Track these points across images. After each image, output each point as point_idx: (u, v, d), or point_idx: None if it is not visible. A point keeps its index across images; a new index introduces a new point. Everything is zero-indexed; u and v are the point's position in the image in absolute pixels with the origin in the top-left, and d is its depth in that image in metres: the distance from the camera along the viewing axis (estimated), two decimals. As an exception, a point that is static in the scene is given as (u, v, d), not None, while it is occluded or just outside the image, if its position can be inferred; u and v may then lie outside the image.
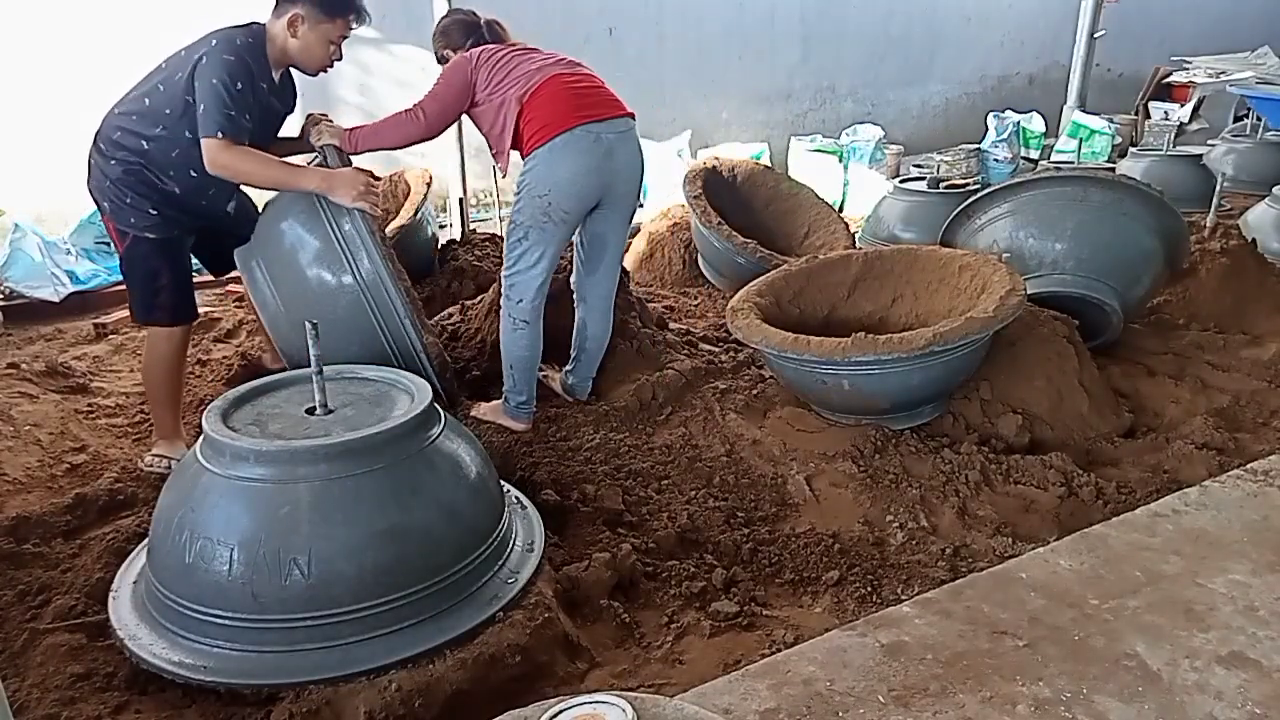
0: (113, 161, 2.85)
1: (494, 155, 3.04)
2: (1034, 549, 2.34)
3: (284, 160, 2.88)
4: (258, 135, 2.89)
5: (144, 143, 2.83)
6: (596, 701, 1.22)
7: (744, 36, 7.86)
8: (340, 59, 2.98)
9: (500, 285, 3.10)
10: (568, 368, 3.35)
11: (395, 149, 3.10)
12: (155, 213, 2.87)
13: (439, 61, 3.20)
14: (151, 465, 2.99)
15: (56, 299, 4.58)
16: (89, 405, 3.52)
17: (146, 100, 2.83)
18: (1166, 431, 3.29)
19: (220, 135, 2.70)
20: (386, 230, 4.28)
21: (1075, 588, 2.10)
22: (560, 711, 1.22)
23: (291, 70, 3.04)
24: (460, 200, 5.35)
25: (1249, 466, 2.67)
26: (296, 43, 2.87)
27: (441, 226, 5.25)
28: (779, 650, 2.05)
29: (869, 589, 2.43)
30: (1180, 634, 1.94)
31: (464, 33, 3.15)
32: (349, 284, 2.84)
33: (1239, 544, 2.26)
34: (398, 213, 4.44)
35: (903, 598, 2.33)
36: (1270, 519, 2.37)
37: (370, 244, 2.81)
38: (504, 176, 3.16)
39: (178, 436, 3.10)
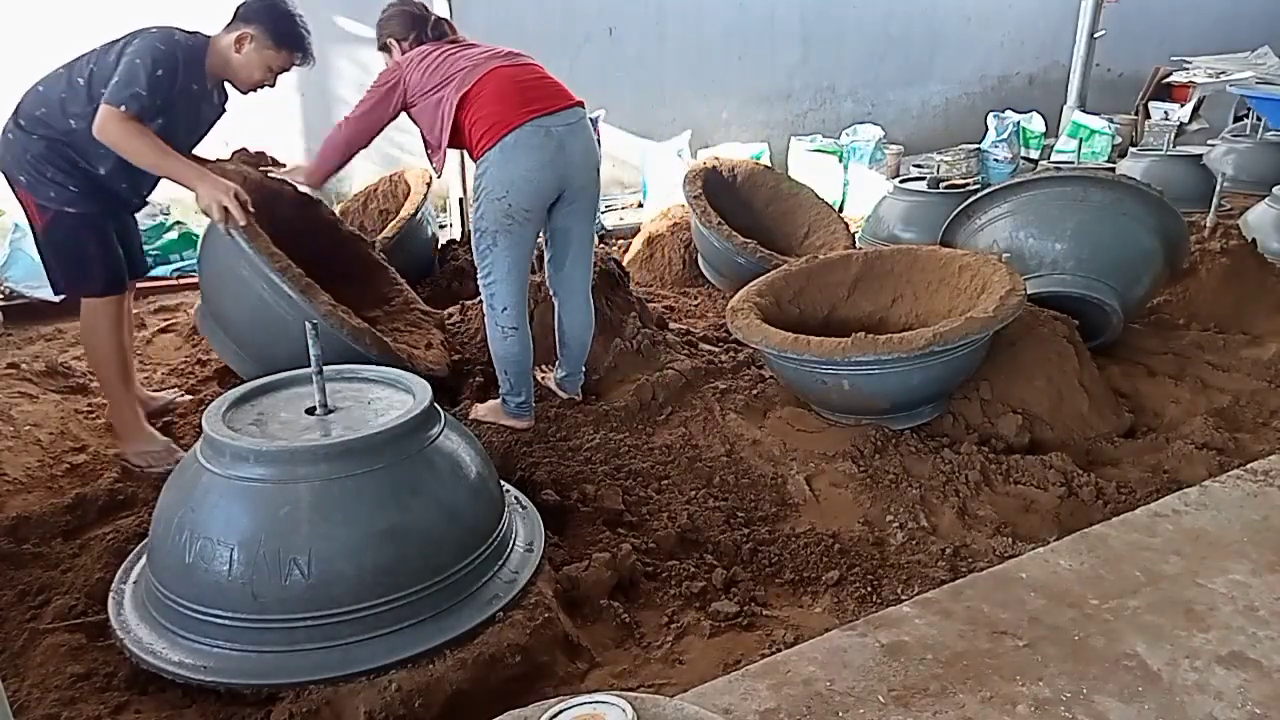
0: (35, 137, 2.84)
1: (429, 155, 2.99)
2: (1034, 549, 2.34)
3: (172, 151, 2.80)
4: (181, 137, 2.91)
5: (71, 122, 2.82)
6: (596, 701, 1.22)
7: (744, 36, 7.86)
8: (273, 87, 3.03)
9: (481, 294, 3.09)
10: (556, 362, 3.35)
11: (340, 165, 3.08)
12: (75, 190, 2.87)
13: (380, 49, 3.13)
14: (140, 465, 2.97)
15: (56, 299, 4.56)
16: (89, 405, 3.52)
17: (80, 80, 2.81)
18: (1166, 431, 3.29)
19: (123, 109, 2.67)
20: (386, 230, 4.29)
21: (1075, 588, 2.10)
22: (560, 711, 1.22)
23: (226, 85, 3.08)
24: (460, 200, 5.35)
25: (1249, 466, 2.68)
26: (239, 58, 2.91)
27: (441, 226, 5.26)
28: (779, 650, 2.05)
29: (869, 589, 2.43)
30: (1180, 634, 1.94)
31: (407, 24, 3.04)
32: (255, 288, 2.86)
33: (1239, 544, 2.26)
34: (398, 213, 4.45)
35: (903, 598, 2.33)
36: (1270, 519, 2.37)
37: (241, 241, 2.78)
38: (438, 177, 3.12)
39: (139, 428, 3.06)
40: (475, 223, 2.94)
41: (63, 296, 3.07)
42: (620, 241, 5.97)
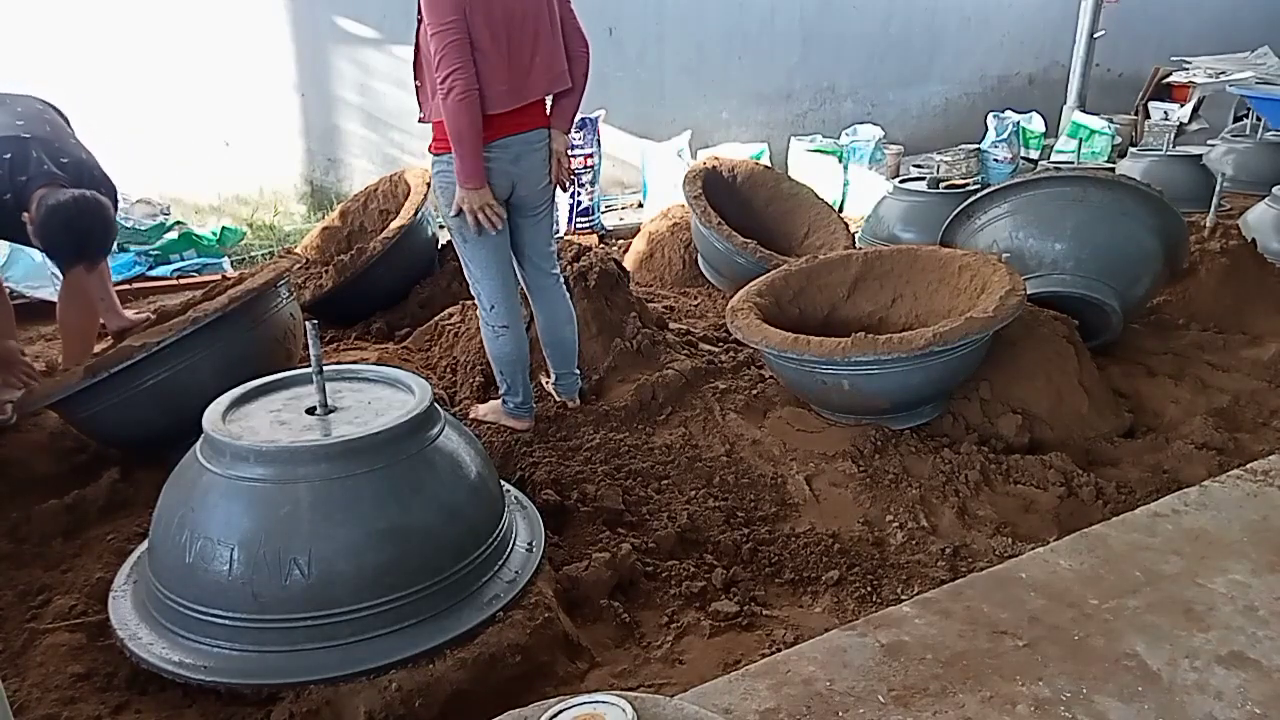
0: None
1: (421, 102, 2.88)
2: (1034, 549, 2.34)
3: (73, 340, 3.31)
4: None
5: None
6: (596, 701, 1.22)
7: (744, 36, 7.86)
8: None
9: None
10: (550, 367, 3.33)
11: (471, 128, 2.69)
12: None
13: None
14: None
15: (56, 299, 4.57)
16: (89, 405, 3.52)
17: None
18: (1166, 431, 3.29)
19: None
20: (386, 230, 4.29)
21: (1075, 588, 2.10)
22: (560, 711, 1.22)
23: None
24: (460, 200, 5.34)
25: (1249, 466, 2.68)
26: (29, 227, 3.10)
27: (441, 226, 5.24)
28: (779, 650, 2.05)
29: (869, 589, 2.44)
30: (1180, 634, 1.94)
31: None
32: None
33: (1239, 544, 2.26)
34: (398, 212, 4.45)
35: (903, 598, 2.33)
36: (1270, 519, 2.37)
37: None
38: (420, 120, 2.93)
39: None
40: (446, 223, 2.96)
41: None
42: (620, 241, 5.97)
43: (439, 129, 2.80)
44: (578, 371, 3.33)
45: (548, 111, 2.96)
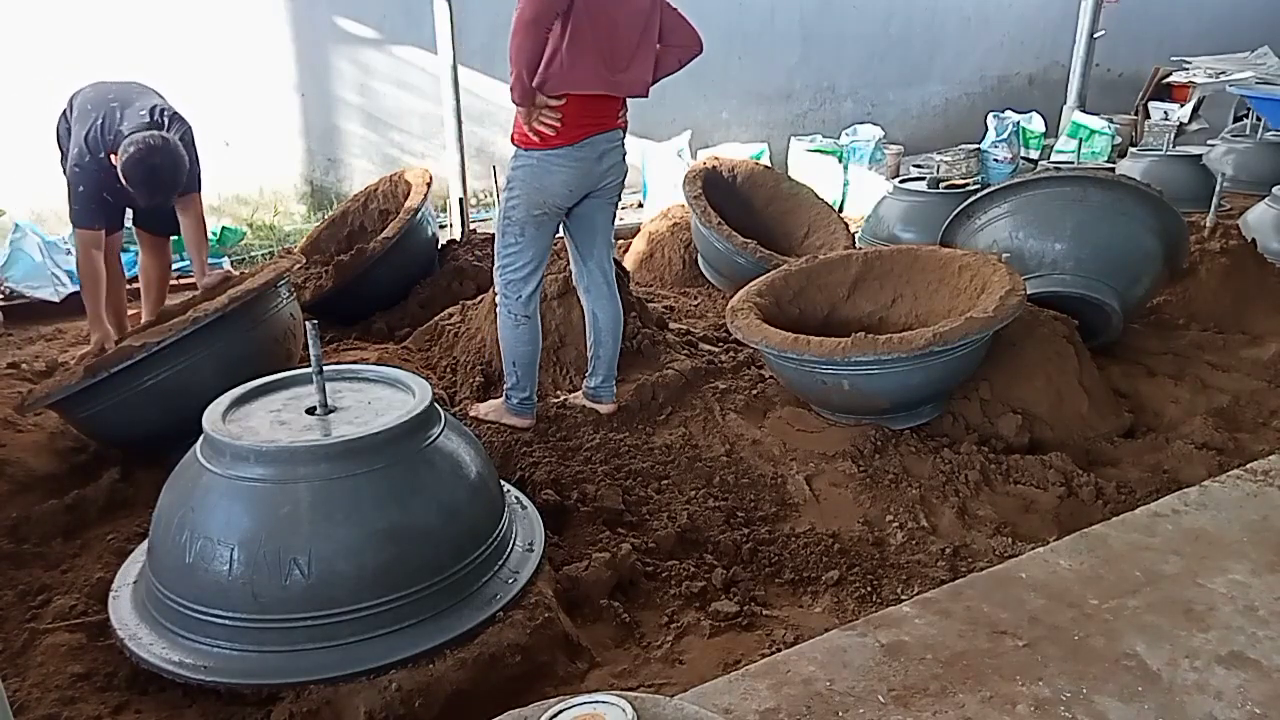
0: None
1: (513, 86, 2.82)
2: (1034, 549, 2.34)
3: (97, 300, 3.48)
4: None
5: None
6: (596, 701, 1.22)
7: (744, 36, 7.86)
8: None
9: (496, 284, 3.12)
10: (589, 371, 3.32)
11: (531, 66, 2.75)
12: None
13: None
14: None
15: (56, 299, 4.58)
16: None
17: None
18: (1166, 431, 3.29)
19: (75, 226, 3.44)
20: (386, 230, 4.29)
21: (1075, 588, 2.10)
22: (560, 711, 1.22)
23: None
24: (460, 200, 5.35)
25: (1249, 466, 2.67)
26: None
27: (441, 226, 5.25)
28: (779, 650, 2.05)
29: (869, 589, 2.44)
30: (1180, 634, 1.94)
31: None
32: None
33: (1239, 544, 2.26)
34: (398, 212, 4.45)
35: (903, 598, 2.33)
36: (1270, 519, 2.37)
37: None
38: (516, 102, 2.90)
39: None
40: (506, 212, 3.00)
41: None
42: (620, 241, 5.97)
43: (524, 130, 2.88)
44: (616, 376, 3.35)
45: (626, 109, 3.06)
